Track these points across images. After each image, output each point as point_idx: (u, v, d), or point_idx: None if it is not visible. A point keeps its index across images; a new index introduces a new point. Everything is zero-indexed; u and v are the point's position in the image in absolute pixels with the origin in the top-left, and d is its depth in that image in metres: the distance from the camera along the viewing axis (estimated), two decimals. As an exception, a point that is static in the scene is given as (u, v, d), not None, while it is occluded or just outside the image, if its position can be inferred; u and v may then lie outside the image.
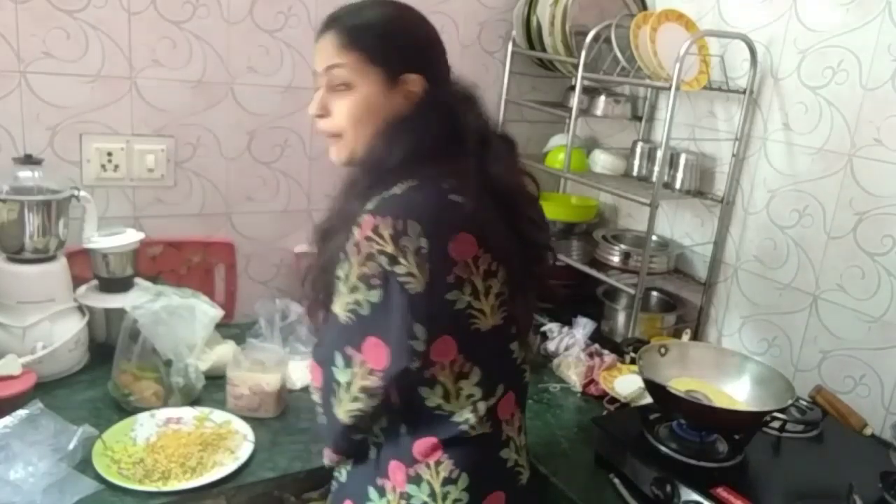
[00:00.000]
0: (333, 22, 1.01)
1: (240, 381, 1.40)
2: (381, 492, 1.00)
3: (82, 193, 1.50)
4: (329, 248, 0.96)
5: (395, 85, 0.99)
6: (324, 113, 1.02)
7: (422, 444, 0.97)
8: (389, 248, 0.87)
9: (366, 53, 0.98)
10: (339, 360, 0.94)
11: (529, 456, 1.11)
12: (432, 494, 0.97)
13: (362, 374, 0.92)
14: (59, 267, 1.48)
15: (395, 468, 0.99)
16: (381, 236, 0.88)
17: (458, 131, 0.98)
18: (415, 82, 0.99)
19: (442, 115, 0.98)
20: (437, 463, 0.97)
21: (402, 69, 0.99)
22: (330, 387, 0.96)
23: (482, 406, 0.98)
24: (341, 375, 0.94)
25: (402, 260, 0.88)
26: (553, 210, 2.10)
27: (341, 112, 1.00)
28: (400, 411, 0.98)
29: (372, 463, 1.02)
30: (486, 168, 0.98)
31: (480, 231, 0.93)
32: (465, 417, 0.97)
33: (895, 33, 1.51)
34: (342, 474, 1.08)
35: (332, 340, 0.95)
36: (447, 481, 0.97)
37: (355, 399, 0.94)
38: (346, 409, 0.95)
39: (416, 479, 0.97)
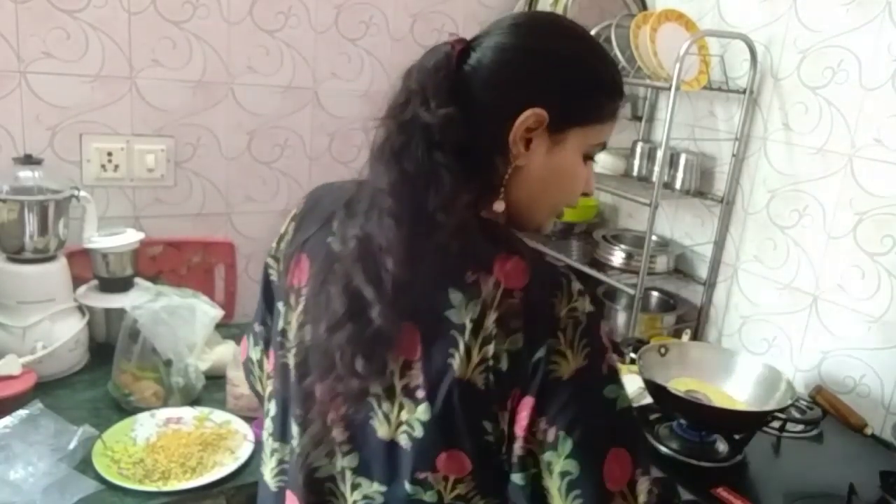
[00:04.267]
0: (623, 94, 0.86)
1: (240, 381, 1.40)
2: None
3: (82, 193, 1.50)
4: None
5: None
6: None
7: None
8: (282, 227, 0.91)
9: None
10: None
11: None
12: None
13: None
14: (59, 267, 1.48)
15: None
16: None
17: None
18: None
19: None
20: None
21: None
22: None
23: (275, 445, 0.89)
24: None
25: (276, 241, 0.93)
26: (553, 210, 2.10)
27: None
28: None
29: None
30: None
31: (316, 263, 0.83)
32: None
33: (895, 33, 1.51)
34: None
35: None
36: None
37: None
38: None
39: None
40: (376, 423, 0.76)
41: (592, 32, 1.80)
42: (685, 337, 1.82)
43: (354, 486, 0.80)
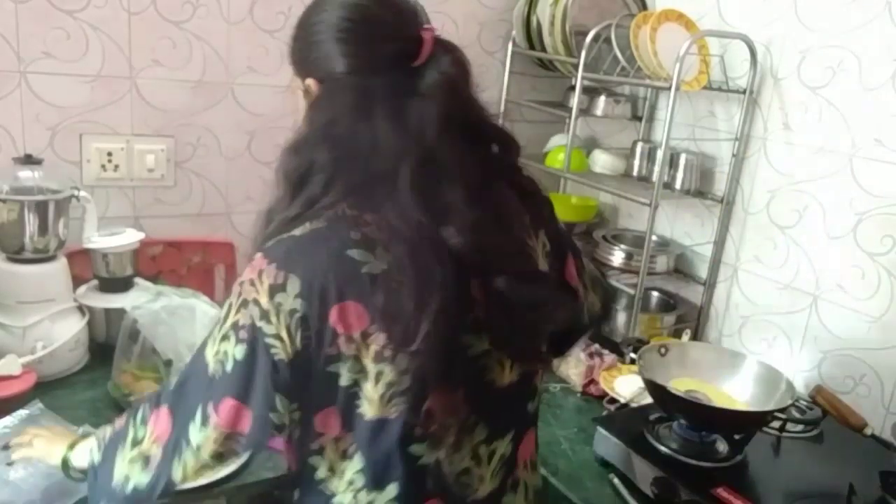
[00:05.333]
0: None
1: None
2: None
3: (82, 193, 1.50)
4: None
5: (302, 93, 0.87)
6: None
7: None
8: (263, 301, 0.75)
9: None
10: (198, 415, 0.79)
11: None
12: None
13: (216, 437, 0.79)
14: (59, 267, 1.48)
15: None
16: (262, 283, 0.76)
17: (377, 146, 0.78)
18: (311, 86, 0.85)
19: (327, 125, 0.81)
20: None
21: (301, 74, 0.87)
22: (177, 443, 0.81)
23: (370, 497, 0.82)
24: (195, 435, 0.80)
25: (272, 318, 0.75)
26: (553, 210, 2.10)
27: None
28: (293, 477, 0.89)
29: None
30: (429, 210, 0.77)
31: (376, 301, 0.75)
32: (343, 502, 0.84)
33: (895, 33, 1.51)
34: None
35: (195, 390, 0.80)
36: None
37: (203, 466, 0.82)
38: (186, 475, 0.83)
39: None
40: (495, 376, 0.85)
41: (592, 32, 1.82)
42: (685, 337, 1.82)
43: (490, 455, 0.87)
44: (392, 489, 0.82)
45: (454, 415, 0.83)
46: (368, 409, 0.79)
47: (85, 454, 0.95)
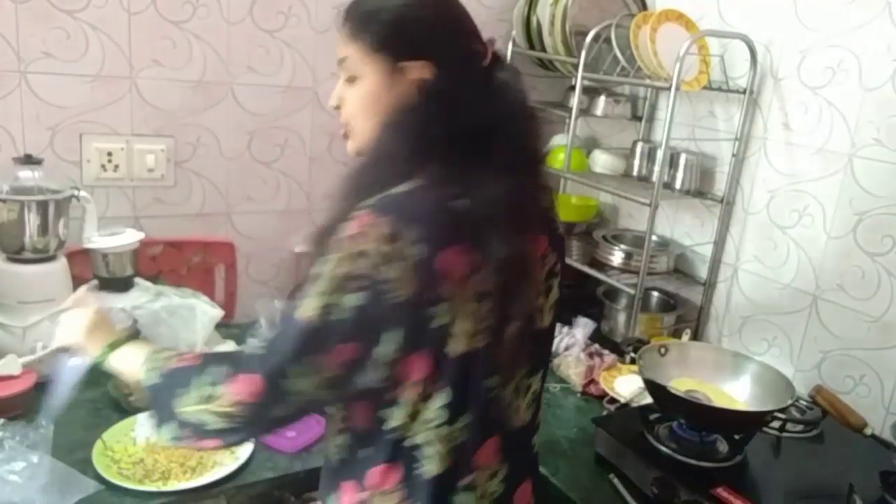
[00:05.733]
0: (345, 12, 0.94)
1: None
2: None
3: (82, 193, 1.50)
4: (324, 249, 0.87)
5: (398, 74, 0.91)
6: (339, 104, 0.97)
7: (380, 474, 0.90)
8: (381, 249, 0.81)
9: (367, 43, 0.91)
10: (298, 368, 0.83)
11: None
12: None
13: (329, 377, 0.84)
14: (59, 267, 1.48)
15: (348, 488, 0.94)
16: (374, 235, 0.81)
17: (476, 125, 0.89)
18: (420, 69, 0.90)
19: (448, 106, 0.89)
20: (389, 492, 0.90)
21: (406, 56, 0.90)
22: (279, 394, 0.85)
23: (446, 433, 0.89)
24: (301, 383, 0.84)
25: (389, 265, 0.81)
26: (553, 210, 2.10)
27: (349, 104, 0.94)
28: (359, 433, 0.92)
29: (332, 473, 0.97)
30: (513, 174, 0.89)
31: (482, 247, 0.85)
32: (421, 442, 0.89)
33: (895, 33, 1.51)
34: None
35: (291, 349, 0.84)
36: None
37: (317, 396, 0.86)
38: (294, 409, 0.87)
39: None
40: (538, 319, 0.98)
41: (592, 32, 1.82)
42: (685, 337, 1.82)
43: (527, 390, 0.98)
44: (464, 419, 0.90)
45: (517, 348, 0.93)
46: (458, 345, 0.86)
47: (130, 363, 0.98)
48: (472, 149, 0.88)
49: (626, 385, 1.60)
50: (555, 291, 1.00)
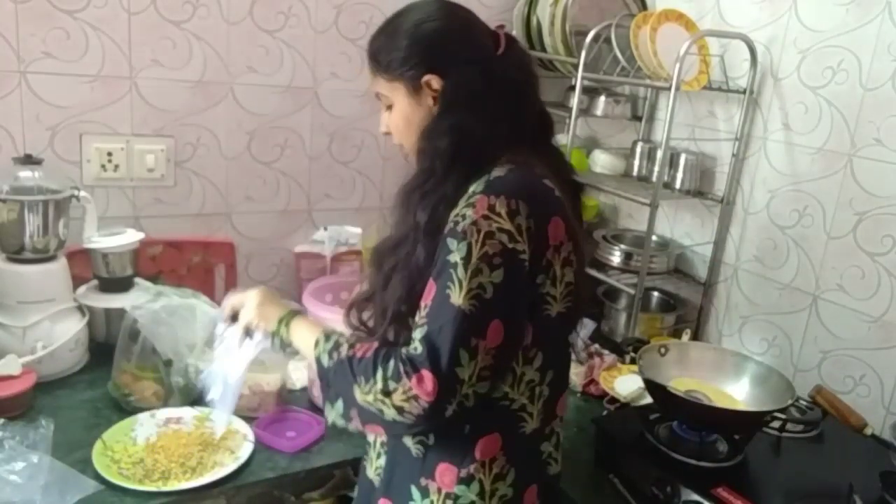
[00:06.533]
0: (367, 53, 1.05)
1: (240, 381, 1.40)
2: (425, 492, 0.99)
3: (82, 193, 1.50)
4: (429, 217, 0.94)
5: (420, 91, 1.00)
6: (387, 130, 1.06)
7: (486, 443, 0.96)
8: (508, 225, 0.88)
9: (385, 75, 1.02)
10: (463, 357, 0.87)
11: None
12: (481, 493, 0.97)
13: (490, 359, 0.89)
14: (59, 267, 1.48)
15: (445, 470, 0.97)
16: (498, 214, 0.88)
17: (513, 115, 0.99)
18: (432, 82, 0.99)
19: (469, 103, 0.97)
20: (493, 460, 0.97)
21: (419, 74, 0.99)
22: (451, 389, 0.87)
23: (538, 391, 0.98)
24: (465, 371, 0.87)
25: (518, 238, 0.89)
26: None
27: (394, 129, 1.04)
28: (469, 409, 0.92)
29: (418, 463, 0.99)
30: (555, 157, 1.04)
31: (566, 219, 0.95)
32: (523, 404, 0.97)
33: (895, 33, 1.51)
34: (375, 477, 1.06)
35: (454, 338, 0.87)
36: (497, 477, 0.97)
37: (473, 385, 0.89)
38: (457, 405, 0.89)
39: (468, 480, 0.96)
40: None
41: (592, 32, 1.82)
42: (685, 337, 1.82)
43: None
44: (549, 376, 1.00)
45: (581, 312, 1.05)
46: (553, 307, 0.96)
47: (305, 340, 1.05)
48: (523, 135, 0.99)
49: (626, 385, 1.60)
50: None
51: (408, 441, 1.00)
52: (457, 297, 0.87)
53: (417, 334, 0.89)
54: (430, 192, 0.95)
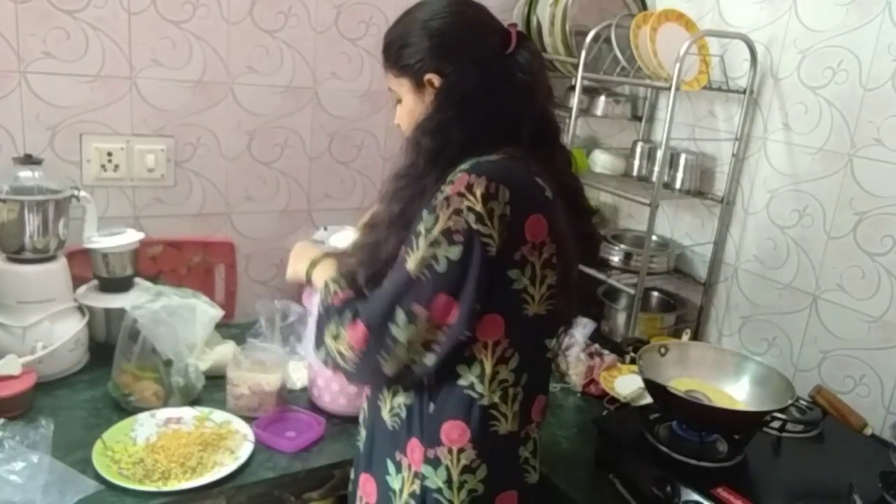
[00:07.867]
0: (382, 46, 1.07)
1: (240, 381, 1.40)
2: (398, 467, 1.03)
3: (82, 193, 1.50)
4: (400, 210, 0.97)
5: (423, 88, 1.02)
6: (398, 122, 1.09)
7: (451, 428, 0.98)
8: (478, 207, 0.90)
9: (393, 70, 1.05)
10: (400, 317, 0.92)
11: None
12: (448, 481, 0.99)
13: (428, 328, 0.92)
14: (59, 267, 1.48)
15: (415, 446, 1.01)
16: (473, 194, 0.90)
17: (509, 116, 0.99)
18: (434, 79, 1.01)
19: (466, 101, 0.98)
20: (461, 451, 0.98)
21: (422, 72, 1.01)
22: (382, 344, 0.94)
23: (512, 393, 0.99)
24: (401, 333, 0.92)
25: (486, 221, 0.90)
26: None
27: (402, 121, 1.07)
28: (430, 389, 0.99)
29: (392, 436, 1.04)
30: (552, 156, 1.04)
31: (552, 220, 0.96)
32: (495, 402, 0.98)
33: (895, 33, 1.51)
34: (361, 443, 1.12)
35: (393, 297, 0.93)
36: (466, 469, 0.99)
37: (417, 353, 0.94)
38: (397, 366, 0.94)
39: (434, 463, 0.99)
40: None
41: (592, 32, 1.82)
42: (685, 337, 1.82)
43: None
44: (524, 378, 1.00)
45: (566, 315, 1.07)
46: (531, 307, 0.97)
47: (318, 281, 1.10)
48: (520, 136, 0.99)
49: (626, 385, 1.60)
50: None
51: (384, 413, 1.04)
52: (410, 263, 0.92)
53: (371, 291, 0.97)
54: (407, 186, 0.98)
